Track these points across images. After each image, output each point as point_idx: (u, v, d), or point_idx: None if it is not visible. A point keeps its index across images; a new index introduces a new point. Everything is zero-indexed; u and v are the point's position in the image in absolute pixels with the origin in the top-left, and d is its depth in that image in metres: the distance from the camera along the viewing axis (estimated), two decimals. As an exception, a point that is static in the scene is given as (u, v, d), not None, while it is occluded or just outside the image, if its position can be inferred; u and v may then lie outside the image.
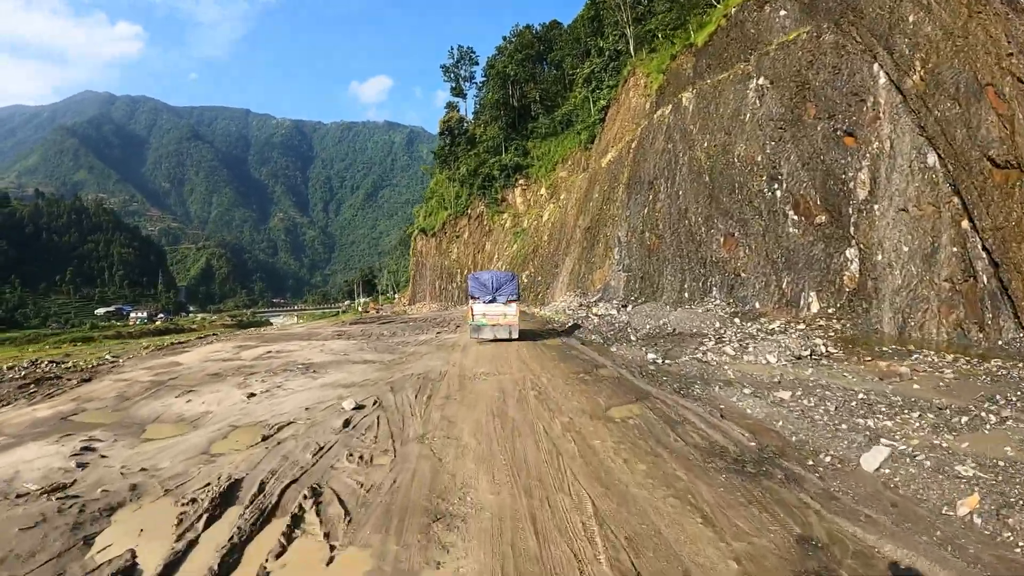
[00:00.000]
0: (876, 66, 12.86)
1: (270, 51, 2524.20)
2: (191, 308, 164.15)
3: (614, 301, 26.31)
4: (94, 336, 64.62)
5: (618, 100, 35.78)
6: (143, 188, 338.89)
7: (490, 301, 16.66)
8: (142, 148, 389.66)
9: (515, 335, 16.48)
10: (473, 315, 16.61)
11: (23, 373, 14.46)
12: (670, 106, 24.97)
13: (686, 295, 18.68)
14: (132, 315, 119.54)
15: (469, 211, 62.09)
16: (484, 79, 69.64)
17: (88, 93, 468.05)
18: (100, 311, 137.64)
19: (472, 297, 16.87)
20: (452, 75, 71.34)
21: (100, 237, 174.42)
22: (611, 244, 29.52)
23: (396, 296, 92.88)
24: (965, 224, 10.45)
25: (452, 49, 71.44)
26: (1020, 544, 4.06)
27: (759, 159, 16.48)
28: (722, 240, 17.46)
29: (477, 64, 71.82)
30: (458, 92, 72.34)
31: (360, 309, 68.39)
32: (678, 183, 22.02)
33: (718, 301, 16.62)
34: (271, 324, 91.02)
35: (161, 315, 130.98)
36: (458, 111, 69.59)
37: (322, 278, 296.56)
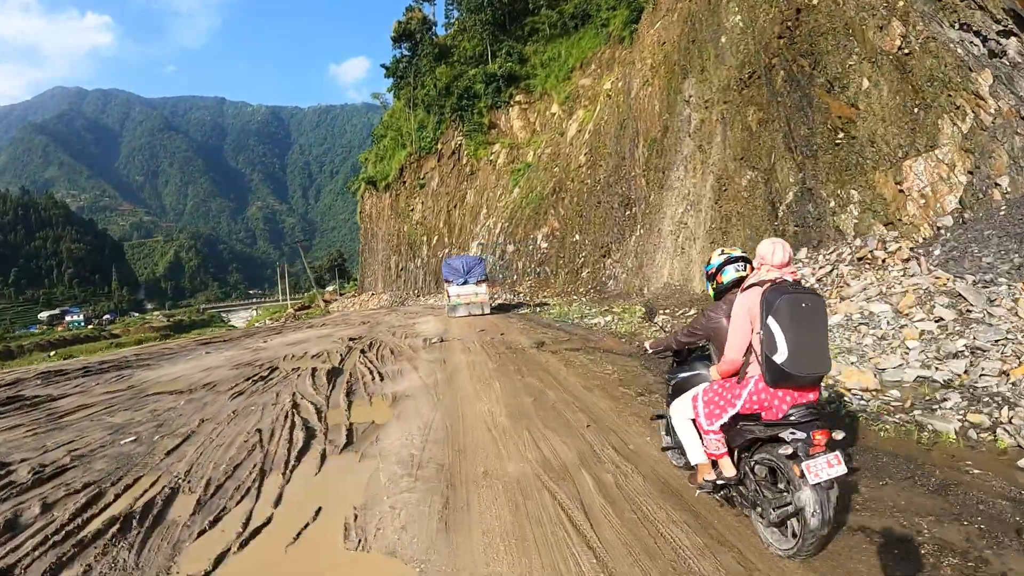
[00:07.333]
0: None
1: (245, 37, 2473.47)
2: (149, 306, 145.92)
3: None
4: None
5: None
6: (116, 183, 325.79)
7: (463, 283, 19.24)
8: (115, 142, 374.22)
9: (487, 311, 19.05)
10: (449, 296, 19.27)
11: None
12: None
13: None
14: (66, 319, 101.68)
15: (440, 146, 43.61)
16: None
17: (58, 89, 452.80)
18: (43, 315, 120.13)
19: (447, 281, 19.62)
20: (414, -28, 52.24)
21: (49, 233, 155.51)
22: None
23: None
24: None
25: (413, -64, 51.82)
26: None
27: None
28: None
29: (448, -44, 52.82)
30: (423, -4, 53.27)
31: (289, 309, 48.84)
32: None
33: None
34: (229, 325, 72.40)
35: (107, 316, 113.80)
36: (422, 13, 50.38)
37: (302, 266, 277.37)
